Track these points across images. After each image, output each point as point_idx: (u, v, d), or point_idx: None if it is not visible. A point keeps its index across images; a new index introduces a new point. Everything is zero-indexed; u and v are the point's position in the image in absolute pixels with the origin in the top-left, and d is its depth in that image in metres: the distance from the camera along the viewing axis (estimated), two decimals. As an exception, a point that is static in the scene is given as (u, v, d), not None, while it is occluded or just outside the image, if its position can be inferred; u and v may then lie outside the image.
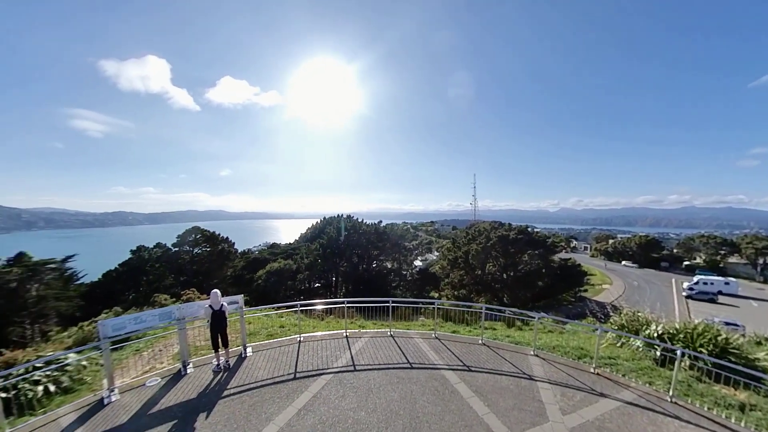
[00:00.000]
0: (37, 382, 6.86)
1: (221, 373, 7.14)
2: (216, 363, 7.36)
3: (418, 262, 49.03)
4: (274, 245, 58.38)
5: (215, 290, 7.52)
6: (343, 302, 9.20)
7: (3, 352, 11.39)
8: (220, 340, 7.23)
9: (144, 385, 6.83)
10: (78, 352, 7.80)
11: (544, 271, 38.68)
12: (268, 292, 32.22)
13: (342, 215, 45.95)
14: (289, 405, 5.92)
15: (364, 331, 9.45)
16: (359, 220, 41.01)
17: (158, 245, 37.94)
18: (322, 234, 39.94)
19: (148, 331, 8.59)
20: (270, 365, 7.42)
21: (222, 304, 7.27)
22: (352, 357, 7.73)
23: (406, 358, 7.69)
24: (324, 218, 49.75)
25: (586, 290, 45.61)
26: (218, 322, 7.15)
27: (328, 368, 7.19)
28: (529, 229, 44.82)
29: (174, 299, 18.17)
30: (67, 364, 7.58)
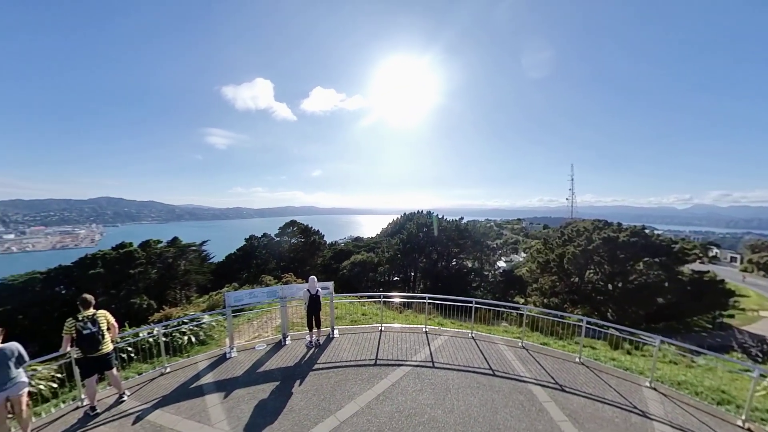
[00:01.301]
0: (183, 334, 8.90)
1: (313, 349, 8.01)
2: (309, 339, 8.30)
3: (501, 263, 45.78)
4: (357, 239, 62.28)
5: (313, 276, 8.31)
6: (424, 298, 9.22)
7: (164, 308, 15.07)
8: (314, 320, 8.08)
9: (254, 348, 8.19)
10: (210, 315, 9.87)
11: (666, 285, 31.31)
12: (351, 282, 34.67)
13: (422, 211, 46.06)
14: (369, 388, 6.29)
15: (444, 329, 9.32)
16: (439, 217, 40.47)
17: (264, 235, 44.55)
18: (403, 229, 40.86)
19: (257, 305, 10.22)
20: (354, 349, 7.98)
21: (318, 289, 8.07)
22: (431, 353, 7.73)
23: (488, 363, 7.31)
24: (404, 214, 50.77)
25: (732, 316, 35.31)
26: (314, 304, 7.97)
27: (406, 360, 7.36)
28: (647, 231, 36.60)
29: (276, 281, 21.09)
30: (203, 323, 9.60)
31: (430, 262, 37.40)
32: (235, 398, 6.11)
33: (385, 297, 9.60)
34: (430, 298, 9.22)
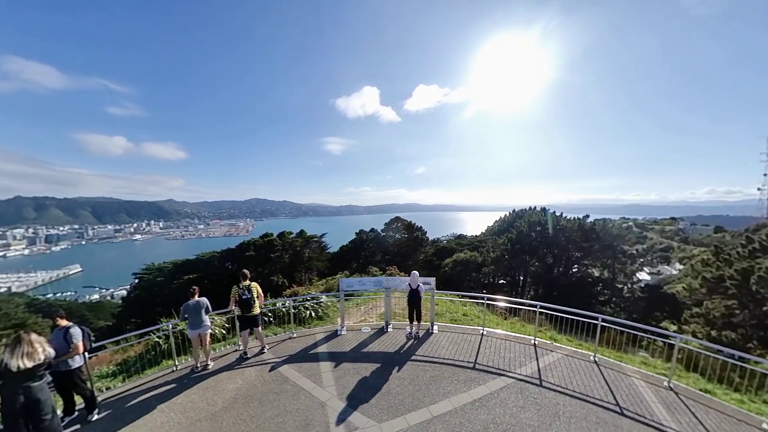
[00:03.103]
0: (306, 309, 10.58)
1: (412, 340, 8.29)
2: (409, 331, 8.64)
3: (643, 275, 36.48)
4: (460, 236, 60.60)
5: (415, 272, 8.58)
6: (534, 306, 8.23)
7: (293, 286, 18.16)
8: (414, 313, 8.36)
9: (360, 330, 9.06)
10: (327, 296, 11.41)
11: None
12: (452, 280, 34.02)
13: (534, 208, 41.17)
14: (465, 391, 6.10)
15: (557, 345, 8.15)
16: (557, 214, 35.30)
17: (372, 230, 48.26)
18: (511, 228, 37.47)
19: (364, 292, 11.20)
20: (452, 347, 7.88)
21: (419, 284, 8.32)
22: (539, 369, 6.89)
23: (615, 398, 6.00)
24: (513, 211, 46.52)
25: None
26: (414, 298, 8.25)
27: (509, 371, 6.80)
28: None
29: (381, 272, 22.62)
30: (321, 302, 11.18)
31: (544, 267, 33.10)
32: (343, 369, 6.93)
33: (489, 299, 9.04)
34: (542, 307, 8.16)
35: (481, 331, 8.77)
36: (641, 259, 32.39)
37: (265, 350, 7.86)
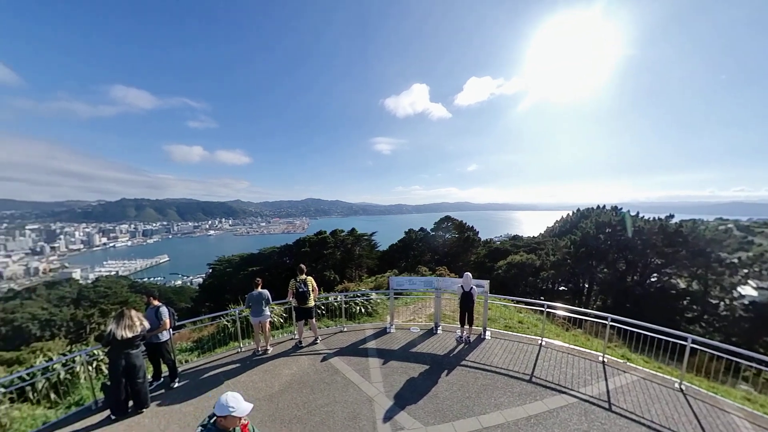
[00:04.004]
0: (357, 304, 10.86)
1: (462, 345, 8.00)
2: (459, 334, 8.35)
3: (748, 290, 30.29)
4: (516, 237, 57.03)
5: (468, 273, 8.26)
6: (605, 318, 7.31)
7: (344, 282, 18.83)
8: (466, 316, 8.05)
9: (409, 329, 9.02)
10: (376, 294, 11.59)
11: None
12: (506, 284, 32.18)
13: (603, 207, 36.87)
14: (519, 405, 5.68)
15: (631, 365, 7.12)
16: (632, 214, 31.13)
17: (421, 229, 47.86)
18: (575, 229, 34.11)
19: (413, 292, 11.13)
20: (506, 356, 7.42)
21: (472, 287, 8.01)
22: (607, 391, 6.10)
23: (708, 436, 5.05)
24: (577, 210, 42.34)
25: None
26: (467, 301, 7.96)
27: (571, 390, 6.13)
28: None
29: (430, 272, 22.30)
30: (371, 299, 11.39)
31: (615, 274, 29.50)
32: (391, 367, 6.96)
33: (548, 307, 8.29)
34: (612, 320, 7.22)
35: (540, 342, 8.11)
36: (745, 270, 26.93)
37: (318, 341, 8.25)
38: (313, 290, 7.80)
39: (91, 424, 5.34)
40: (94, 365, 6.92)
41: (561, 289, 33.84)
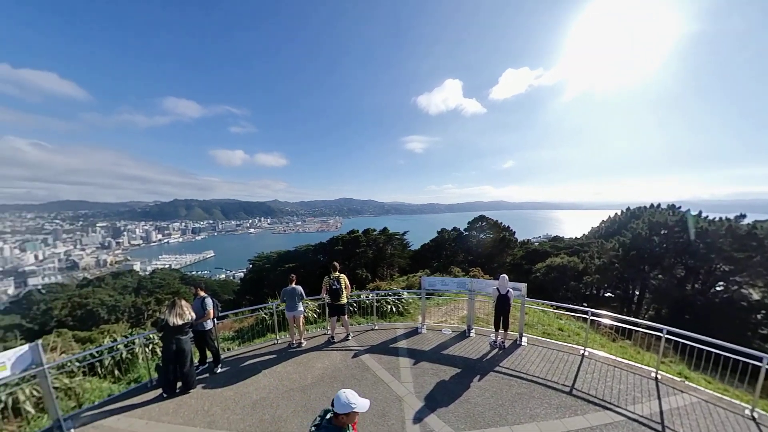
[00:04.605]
0: (388, 303, 10.89)
1: (496, 350, 7.71)
2: (493, 339, 8.06)
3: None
4: (556, 238, 53.83)
5: (504, 275, 7.92)
6: (660, 330, 6.57)
7: (376, 280, 18.98)
8: (501, 320, 7.74)
9: (441, 330, 8.88)
10: (408, 293, 11.55)
11: None
12: (545, 288, 30.50)
13: (658, 205, 33.48)
14: (557, 418, 5.32)
15: (690, 385, 6.34)
16: (694, 213, 27.85)
17: (454, 229, 46.83)
18: (624, 230, 31.35)
19: (446, 292, 10.94)
20: (544, 365, 7.02)
21: (508, 290, 7.70)
22: (661, 411, 5.46)
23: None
24: (627, 209, 38.82)
25: None
26: (502, 304, 7.65)
27: (618, 406, 5.60)
28: None
29: (464, 273, 21.77)
30: (402, 298, 11.37)
31: (671, 281, 26.68)
32: (421, 368, 6.88)
33: (593, 314, 7.69)
34: (668, 332, 6.49)
35: (582, 351, 7.57)
36: (840, 284, 23.13)
37: (350, 338, 8.40)
38: (345, 288, 7.94)
39: (147, 400, 5.93)
40: (150, 347, 7.62)
41: (607, 295, 31.34)
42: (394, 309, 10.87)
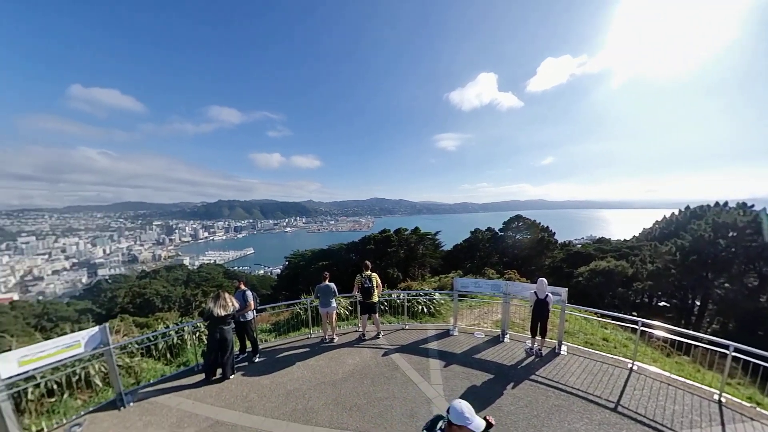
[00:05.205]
0: (419, 303, 10.81)
1: (532, 357, 7.35)
2: (530, 346, 7.69)
3: None
4: (601, 240, 50.02)
5: (542, 279, 7.57)
6: (726, 346, 5.59)
7: (407, 280, 18.91)
8: (539, 327, 7.39)
9: (473, 334, 8.64)
10: (439, 294, 11.40)
11: None
12: (588, 294, 28.49)
13: (725, 204, 29.71)
14: (601, 434, 4.95)
15: (763, 412, 5.51)
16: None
17: (489, 229, 45.32)
18: (683, 232, 28.27)
19: (479, 295, 10.63)
20: (585, 377, 6.56)
21: (547, 294, 7.33)
22: None
23: None
24: (686, 208, 34.84)
25: None
26: (540, 309, 7.30)
27: (671, 429, 5.04)
28: None
29: (498, 275, 20.98)
30: (434, 299, 11.23)
31: (741, 291, 23.61)
32: (452, 371, 6.75)
33: (644, 325, 7.01)
34: (736, 349, 5.68)
35: (630, 365, 6.96)
36: None
37: (380, 336, 8.47)
38: (377, 286, 8.04)
39: (193, 382, 6.47)
40: (197, 335, 8.27)
41: (661, 304, 28.51)
42: (425, 309, 10.77)
